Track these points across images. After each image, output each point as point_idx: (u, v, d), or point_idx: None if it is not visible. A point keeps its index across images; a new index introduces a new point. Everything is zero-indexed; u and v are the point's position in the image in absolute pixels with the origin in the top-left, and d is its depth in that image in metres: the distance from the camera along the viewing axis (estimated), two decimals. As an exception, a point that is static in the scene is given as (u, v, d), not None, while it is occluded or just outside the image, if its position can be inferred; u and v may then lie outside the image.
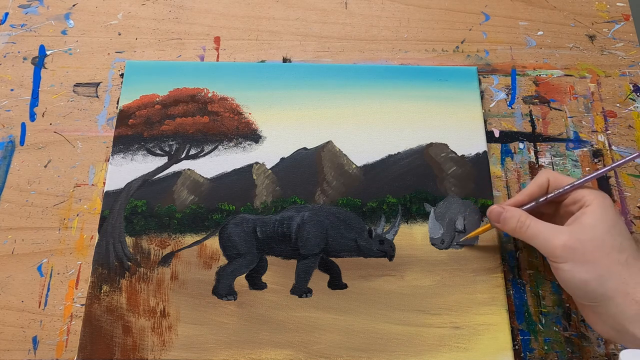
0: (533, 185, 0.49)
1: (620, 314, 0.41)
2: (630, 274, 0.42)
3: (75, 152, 0.59)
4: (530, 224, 0.46)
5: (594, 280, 0.42)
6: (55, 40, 0.66)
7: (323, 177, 0.58)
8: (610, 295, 0.42)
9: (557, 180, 0.49)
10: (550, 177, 0.49)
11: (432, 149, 0.59)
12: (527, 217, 0.47)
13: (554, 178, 0.49)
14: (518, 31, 0.67)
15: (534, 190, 0.49)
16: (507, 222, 0.48)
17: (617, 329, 0.42)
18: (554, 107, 0.63)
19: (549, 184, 0.49)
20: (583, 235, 0.43)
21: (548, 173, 0.49)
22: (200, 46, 0.66)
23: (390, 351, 0.50)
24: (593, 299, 0.43)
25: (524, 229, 0.46)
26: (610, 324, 0.43)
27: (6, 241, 0.55)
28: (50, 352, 0.51)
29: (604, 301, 0.42)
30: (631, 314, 0.41)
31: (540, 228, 0.46)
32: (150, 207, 0.56)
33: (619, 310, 0.42)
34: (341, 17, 0.68)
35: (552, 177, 0.49)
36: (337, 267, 0.54)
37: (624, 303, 0.41)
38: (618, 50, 0.66)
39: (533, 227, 0.46)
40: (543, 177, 0.49)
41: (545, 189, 0.49)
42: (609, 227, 0.43)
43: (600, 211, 0.44)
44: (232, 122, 0.60)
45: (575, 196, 0.47)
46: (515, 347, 0.51)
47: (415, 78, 0.63)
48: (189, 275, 0.53)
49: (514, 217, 0.47)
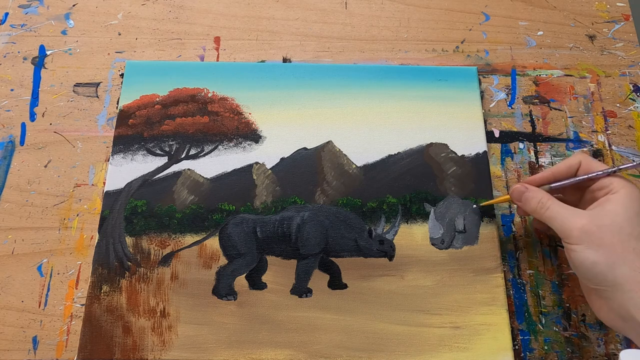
0: (563, 165, 0.49)
1: (628, 301, 0.41)
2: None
3: (75, 152, 0.59)
4: (551, 205, 0.46)
5: (604, 264, 0.42)
6: (55, 40, 0.66)
7: (323, 177, 0.58)
8: (620, 282, 0.42)
9: (589, 164, 0.48)
10: (582, 160, 0.48)
11: (432, 149, 0.59)
12: (548, 199, 0.46)
13: (586, 162, 0.48)
14: (518, 31, 0.67)
15: (562, 170, 0.49)
16: (529, 202, 0.48)
17: (623, 317, 0.42)
18: (554, 107, 0.63)
19: (580, 166, 0.48)
20: (602, 220, 0.43)
21: (581, 156, 0.49)
22: (200, 46, 0.66)
23: (390, 351, 0.50)
24: (601, 282, 0.43)
25: (544, 210, 0.46)
26: (616, 311, 0.43)
27: (6, 241, 0.55)
28: (50, 352, 0.51)
29: (612, 286, 0.42)
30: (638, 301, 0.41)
31: (560, 210, 0.45)
32: (150, 207, 0.56)
33: (627, 297, 0.41)
34: (341, 17, 0.68)
35: (585, 161, 0.48)
36: (337, 267, 0.54)
37: (633, 290, 0.41)
38: (618, 50, 0.66)
39: (553, 209, 0.46)
40: (575, 159, 0.48)
41: (575, 171, 0.48)
42: (631, 215, 0.43)
43: (626, 199, 0.44)
44: (232, 122, 0.60)
45: (604, 182, 0.46)
46: (515, 347, 0.51)
47: (416, 78, 0.63)
48: (189, 275, 0.53)
49: (536, 197, 0.47)
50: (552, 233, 0.55)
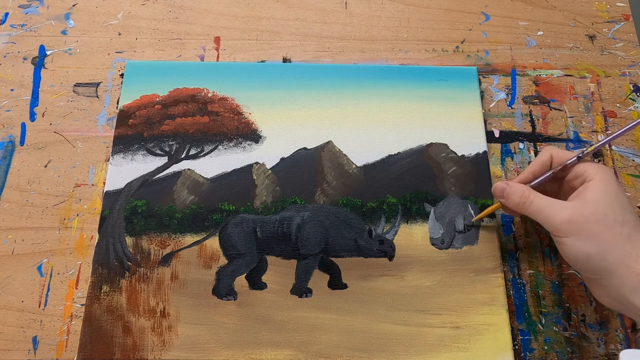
0: (536, 163, 0.50)
1: (622, 286, 0.42)
2: (633, 247, 0.42)
3: (75, 152, 0.59)
4: (535, 199, 0.47)
5: (596, 254, 0.43)
6: (55, 40, 0.66)
7: (323, 177, 0.58)
8: (613, 269, 0.42)
9: (560, 155, 0.49)
10: (553, 153, 0.49)
11: (432, 149, 0.59)
12: (530, 192, 0.47)
13: (556, 154, 0.49)
14: (518, 31, 0.67)
15: (537, 168, 0.50)
16: (511, 196, 0.48)
17: (620, 300, 0.43)
18: (554, 107, 0.63)
19: (552, 160, 0.49)
20: (586, 209, 0.44)
21: (551, 150, 0.50)
22: (200, 46, 0.66)
23: (390, 351, 0.50)
24: (596, 271, 0.44)
25: (528, 204, 0.47)
26: (613, 296, 0.44)
27: (6, 241, 0.55)
28: (50, 352, 0.51)
29: (607, 274, 0.43)
30: (632, 285, 0.42)
31: (543, 203, 0.46)
32: (150, 207, 0.56)
33: (620, 282, 0.42)
34: (341, 17, 0.68)
35: (555, 153, 0.49)
36: (337, 267, 0.54)
37: (626, 275, 0.42)
38: (618, 50, 0.66)
39: (537, 202, 0.46)
40: (546, 155, 0.49)
41: (549, 166, 0.49)
42: (612, 200, 0.44)
43: (603, 185, 0.45)
44: (232, 122, 0.60)
45: (578, 171, 0.47)
46: (515, 347, 0.51)
47: (415, 78, 0.63)
48: (189, 275, 0.53)
49: (518, 192, 0.48)
50: None
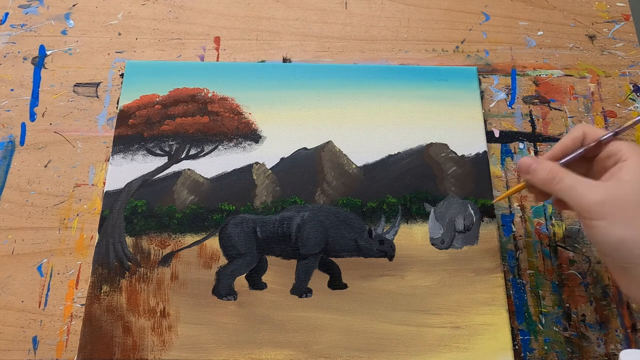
0: (567, 139, 0.46)
1: None
2: None
3: (75, 152, 0.59)
4: (564, 176, 0.43)
5: (632, 240, 0.39)
6: (55, 40, 0.66)
7: (323, 177, 0.58)
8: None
9: (593, 132, 0.45)
10: (586, 130, 0.46)
11: (432, 149, 0.59)
12: (559, 169, 0.43)
13: (589, 131, 0.46)
14: (518, 31, 0.67)
15: (567, 144, 0.46)
16: (538, 172, 0.44)
17: None
18: (554, 107, 0.63)
19: (585, 137, 0.46)
20: (621, 190, 0.40)
21: (584, 126, 0.46)
22: (200, 46, 0.66)
23: (390, 351, 0.50)
24: (628, 259, 0.40)
25: (556, 181, 0.43)
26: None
27: (6, 241, 0.55)
28: (50, 352, 0.51)
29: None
30: None
31: (574, 181, 0.42)
32: (150, 207, 0.56)
33: None
34: (341, 17, 0.68)
35: (588, 130, 0.46)
36: (337, 267, 0.54)
37: None
38: (618, 50, 0.66)
39: (567, 180, 0.42)
40: (578, 131, 0.46)
41: (580, 144, 0.46)
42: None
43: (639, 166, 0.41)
44: (232, 122, 0.60)
45: (611, 149, 0.44)
46: (515, 347, 0.51)
47: (415, 78, 0.63)
48: (189, 275, 0.53)
49: (545, 168, 0.44)
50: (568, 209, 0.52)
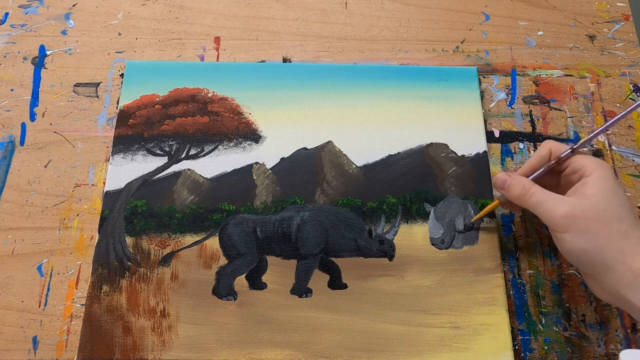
0: (535, 157, 0.50)
1: (617, 282, 0.43)
2: (629, 244, 0.43)
3: (75, 152, 0.59)
4: (535, 192, 0.47)
5: (593, 250, 0.43)
6: (55, 40, 0.66)
7: (323, 177, 0.58)
8: (609, 265, 0.43)
9: (558, 149, 0.49)
10: (552, 147, 0.50)
11: (432, 149, 0.59)
12: (531, 185, 0.47)
13: (555, 147, 0.50)
14: (518, 31, 0.67)
15: (535, 162, 0.50)
16: (512, 188, 0.48)
17: (615, 296, 0.44)
18: (554, 107, 0.63)
19: (551, 154, 0.50)
20: (584, 205, 0.44)
21: (550, 143, 0.50)
22: (200, 46, 0.66)
23: (390, 351, 0.50)
24: (592, 267, 0.44)
25: (528, 197, 0.47)
26: (608, 291, 0.44)
27: (6, 241, 0.55)
28: (50, 352, 0.51)
29: (603, 270, 0.43)
30: (627, 282, 0.42)
31: (543, 197, 0.46)
32: (150, 207, 0.56)
33: (616, 278, 0.43)
34: (341, 17, 0.68)
35: (554, 147, 0.50)
36: (337, 267, 0.54)
37: (621, 271, 0.42)
38: (618, 50, 0.66)
39: (537, 196, 0.46)
40: (545, 149, 0.50)
41: (547, 160, 0.50)
42: (610, 197, 0.44)
43: (601, 181, 0.45)
44: (232, 122, 0.60)
45: (575, 166, 0.48)
46: (515, 347, 0.51)
47: (415, 78, 0.63)
48: (189, 275, 0.53)
49: (519, 184, 0.48)
50: None
